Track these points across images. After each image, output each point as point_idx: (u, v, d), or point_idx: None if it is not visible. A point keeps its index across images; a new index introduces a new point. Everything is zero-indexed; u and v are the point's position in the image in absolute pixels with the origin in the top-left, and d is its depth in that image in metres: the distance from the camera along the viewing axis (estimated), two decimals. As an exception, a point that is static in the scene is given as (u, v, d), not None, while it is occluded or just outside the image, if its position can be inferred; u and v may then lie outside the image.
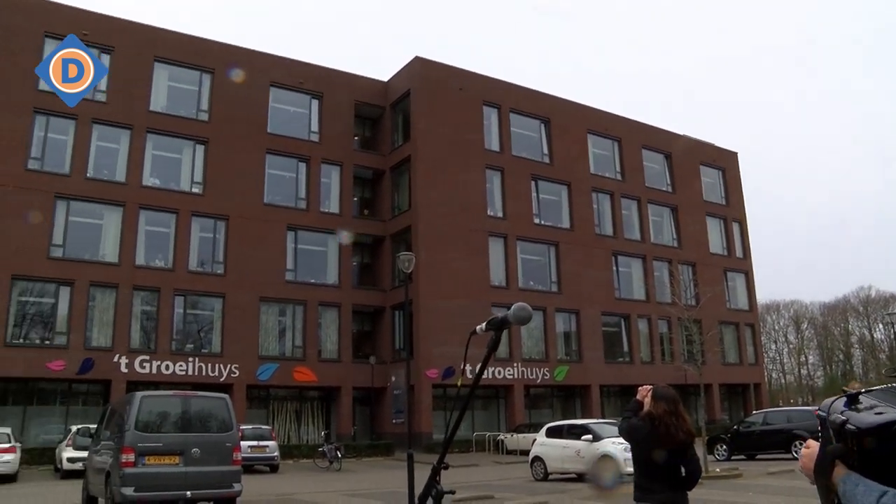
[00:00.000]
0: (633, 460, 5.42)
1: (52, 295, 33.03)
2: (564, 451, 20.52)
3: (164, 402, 13.82)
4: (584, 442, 19.96)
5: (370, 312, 40.71)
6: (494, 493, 16.43)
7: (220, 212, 36.39)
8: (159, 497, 12.63)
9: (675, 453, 5.08)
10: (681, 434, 5.06)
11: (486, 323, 2.87)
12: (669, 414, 5.09)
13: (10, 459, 22.98)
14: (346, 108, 41.49)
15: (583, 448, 19.94)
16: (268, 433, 28.01)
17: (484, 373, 2.94)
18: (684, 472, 5.13)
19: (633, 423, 5.31)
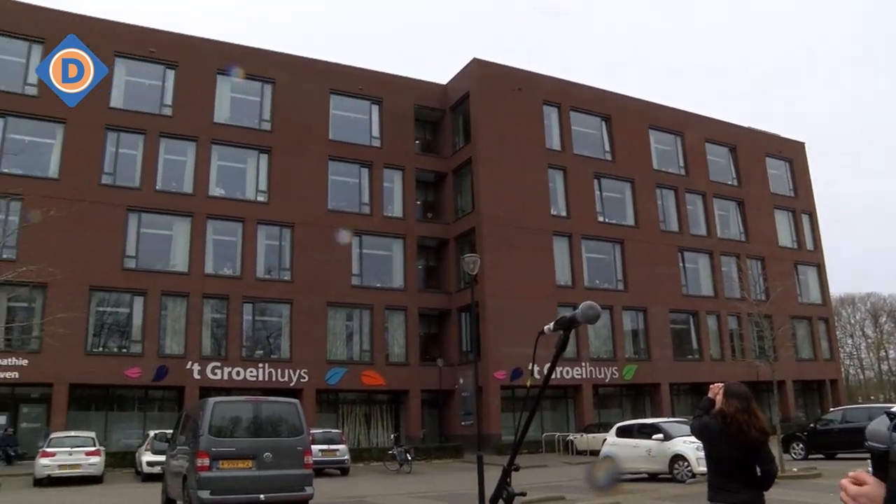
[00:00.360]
0: (705, 459, 5.33)
1: (127, 305, 34.03)
2: (635, 450, 20.29)
3: (237, 408, 14.07)
4: (656, 441, 19.73)
5: (436, 315, 40.87)
6: (565, 494, 16.31)
7: (285, 219, 36.98)
8: (234, 500, 12.89)
9: (749, 452, 4.97)
10: (754, 432, 4.95)
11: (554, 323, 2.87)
12: (742, 411, 4.99)
13: (95, 462, 24.14)
14: (406, 113, 41.76)
15: (654, 447, 19.72)
16: (338, 437, 28.27)
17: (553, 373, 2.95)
18: (759, 471, 5.01)
19: (704, 422, 5.22)
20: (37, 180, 31.51)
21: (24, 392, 32.47)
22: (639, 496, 16.20)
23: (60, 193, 30.25)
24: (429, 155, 42.90)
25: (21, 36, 34.08)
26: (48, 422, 31.25)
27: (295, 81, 38.91)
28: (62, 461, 23.57)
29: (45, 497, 20.37)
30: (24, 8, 34.48)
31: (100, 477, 24.41)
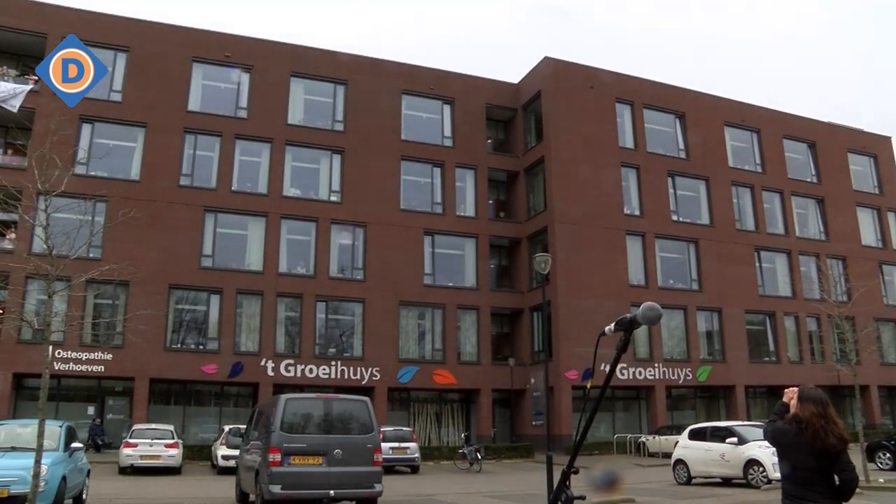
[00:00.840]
0: (779, 465, 5.09)
1: (204, 303, 34.94)
2: (708, 454, 19.94)
3: (308, 405, 14.32)
4: (729, 445, 19.33)
5: (508, 314, 40.83)
6: (636, 497, 16.13)
7: (358, 219, 37.43)
8: (304, 495, 13.14)
9: (826, 459, 4.70)
10: (831, 438, 4.67)
11: (615, 323, 2.87)
12: (818, 416, 4.72)
13: (174, 454, 25.02)
14: (478, 112, 41.81)
15: (728, 451, 19.33)
16: (408, 435, 28.46)
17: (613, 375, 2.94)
18: (837, 480, 4.71)
19: (778, 427, 4.97)
20: (120, 182, 32.60)
21: (109, 385, 33.72)
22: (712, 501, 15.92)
23: (141, 195, 31.18)
24: (501, 154, 42.86)
25: (106, 45, 35.29)
26: (131, 414, 32.46)
27: (367, 82, 39.36)
28: (144, 452, 24.49)
29: (129, 485, 21.12)
30: (107, 19, 35.86)
31: (178, 468, 25.23)
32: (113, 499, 17.20)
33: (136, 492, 19.06)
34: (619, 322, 2.91)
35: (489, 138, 42.91)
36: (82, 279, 14.24)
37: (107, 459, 26.83)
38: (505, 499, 17.36)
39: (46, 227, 12.15)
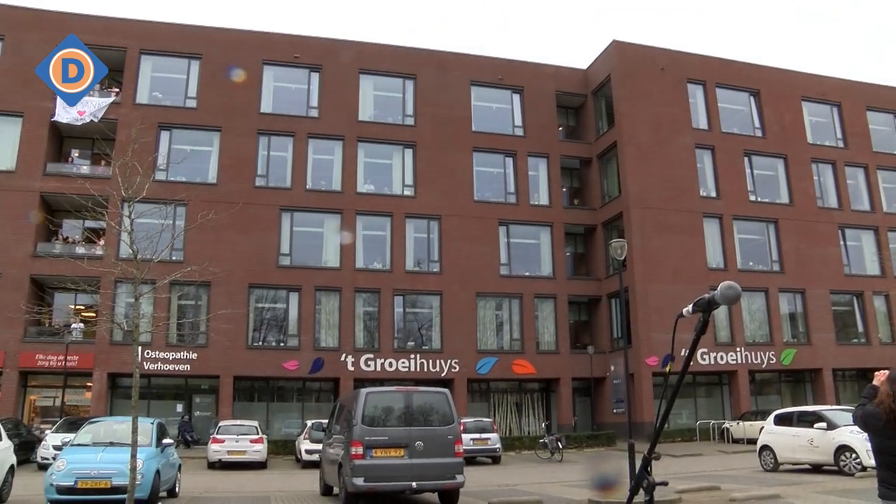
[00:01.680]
0: (872, 452, 4.87)
1: (283, 301, 35.65)
2: (795, 439, 19.36)
3: (388, 398, 14.45)
4: (818, 430, 18.74)
5: (586, 302, 40.51)
6: (720, 484, 15.83)
7: (432, 212, 37.60)
8: (387, 488, 13.32)
9: None
10: None
11: (693, 304, 2.83)
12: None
13: (259, 449, 25.62)
14: (548, 100, 41.49)
15: (816, 437, 18.75)
16: (489, 425, 28.47)
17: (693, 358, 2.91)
18: None
19: (867, 410, 4.76)
20: (198, 186, 33.42)
21: (196, 383, 34.82)
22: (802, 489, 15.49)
23: (219, 197, 31.84)
24: (573, 141, 42.51)
25: (180, 54, 36.54)
26: (217, 411, 33.39)
27: (435, 76, 39.48)
28: (230, 447, 25.15)
29: (217, 479, 21.71)
30: (180, 28, 37.04)
31: (263, 463, 25.84)
32: (203, 492, 17.68)
33: (224, 485, 19.56)
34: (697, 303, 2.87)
35: (560, 125, 42.57)
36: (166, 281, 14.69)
37: (196, 455, 27.62)
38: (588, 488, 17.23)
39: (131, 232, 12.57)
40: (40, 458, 23.53)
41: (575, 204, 41.93)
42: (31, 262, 32.64)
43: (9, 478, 15.48)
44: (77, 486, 13.23)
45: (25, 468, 19.90)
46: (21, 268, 32.56)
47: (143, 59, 36.64)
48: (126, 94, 35.69)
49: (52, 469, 13.69)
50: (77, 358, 31.67)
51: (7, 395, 31.58)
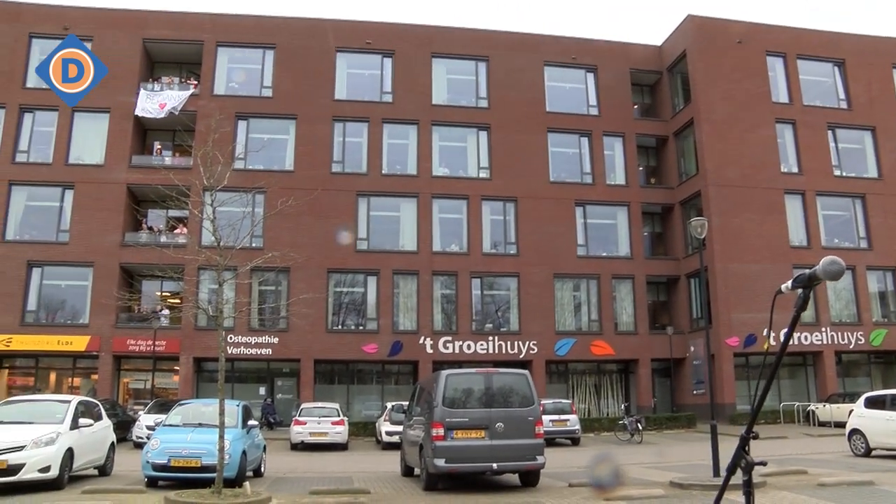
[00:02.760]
0: None
1: (362, 284, 36.12)
2: (889, 424, 18.58)
3: (468, 380, 14.53)
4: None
5: (664, 282, 39.90)
6: (808, 468, 15.40)
7: (508, 194, 37.49)
8: (468, 469, 13.42)
9: None
10: None
11: (793, 281, 2.78)
12: None
13: (341, 431, 26.09)
14: (622, 78, 40.82)
15: (915, 422, 18.02)
16: (568, 407, 28.35)
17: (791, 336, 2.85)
18: None
19: None
20: (276, 173, 33.95)
21: (277, 367, 35.64)
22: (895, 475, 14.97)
23: (296, 184, 32.29)
24: (648, 119, 41.78)
25: (254, 45, 37.37)
26: (298, 393, 34.15)
27: (508, 57, 39.25)
28: (312, 429, 25.68)
29: (300, 460, 22.16)
30: (253, 20, 38.03)
31: (345, 444, 26.28)
32: (287, 472, 18.08)
33: (307, 466, 19.95)
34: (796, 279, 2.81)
35: (635, 104, 41.86)
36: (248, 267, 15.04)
37: (279, 436, 28.27)
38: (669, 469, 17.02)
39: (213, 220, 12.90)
40: (135, 437, 25.00)
41: (652, 183, 41.27)
42: (120, 251, 33.92)
43: (111, 454, 16.76)
44: (170, 464, 14.01)
45: (122, 446, 20.72)
46: (111, 257, 33.86)
47: (220, 51, 37.52)
48: (204, 85, 36.63)
49: (148, 447, 14.47)
50: (164, 343, 32.80)
51: (103, 378, 33.07)
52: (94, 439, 15.71)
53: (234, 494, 12.43)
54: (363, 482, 15.29)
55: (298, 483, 15.64)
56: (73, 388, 34.57)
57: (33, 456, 13.27)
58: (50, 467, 13.49)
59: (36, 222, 35.09)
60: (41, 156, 35.52)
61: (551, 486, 14.31)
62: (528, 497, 13.03)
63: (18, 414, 14.87)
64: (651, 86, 42.85)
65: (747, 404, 34.71)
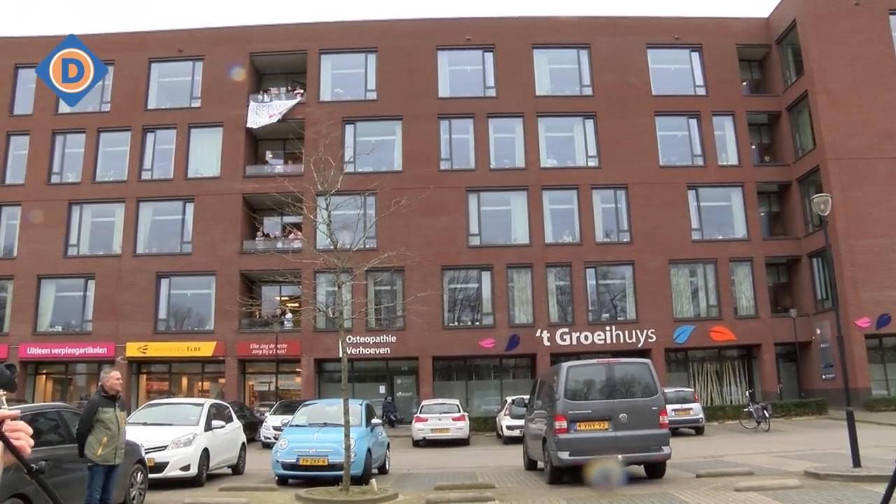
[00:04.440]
0: None
1: (476, 280, 36.25)
2: None
3: (589, 371, 14.43)
4: None
5: (784, 263, 38.42)
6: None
7: (618, 181, 36.91)
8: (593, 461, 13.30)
9: None
10: None
11: None
12: None
13: (462, 426, 26.20)
14: (729, 55, 39.47)
15: None
16: (690, 395, 27.72)
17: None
18: None
19: None
20: (385, 174, 34.47)
21: (396, 365, 36.22)
22: None
23: (406, 184, 32.66)
24: (759, 95, 40.29)
25: (356, 49, 38.09)
26: (417, 391, 34.62)
27: (610, 42, 38.62)
28: (433, 425, 25.93)
29: (423, 456, 22.44)
30: (354, 25, 38.96)
31: (466, 440, 26.41)
32: (411, 468, 18.35)
33: (430, 462, 20.19)
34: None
35: (744, 80, 40.42)
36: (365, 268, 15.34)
37: (400, 433, 28.68)
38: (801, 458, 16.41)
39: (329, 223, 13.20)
40: (263, 438, 26.08)
41: (766, 161, 39.82)
42: (239, 258, 35.25)
43: (242, 453, 17.64)
44: (299, 462, 14.59)
45: (251, 446, 21.51)
46: (231, 265, 35.21)
47: (323, 59, 38.39)
48: (310, 93, 37.55)
49: (277, 447, 15.12)
50: (286, 346, 33.81)
51: (230, 381, 34.45)
52: (226, 440, 16.50)
53: (361, 491, 12.73)
54: (487, 477, 15.38)
55: (423, 479, 15.86)
56: (202, 391, 36.20)
57: (175, 455, 14.25)
58: (189, 466, 14.43)
59: (161, 235, 36.86)
60: (163, 172, 37.24)
61: (678, 478, 14.04)
62: (655, 489, 12.80)
63: (158, 416, 15.86)
64: (759, 60, 41.29)
65: (883, 388, 33.08)
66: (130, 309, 35.19)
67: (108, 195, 36.88)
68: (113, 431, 9.66)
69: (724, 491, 11.95)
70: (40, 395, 35.55)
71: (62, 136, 37.92)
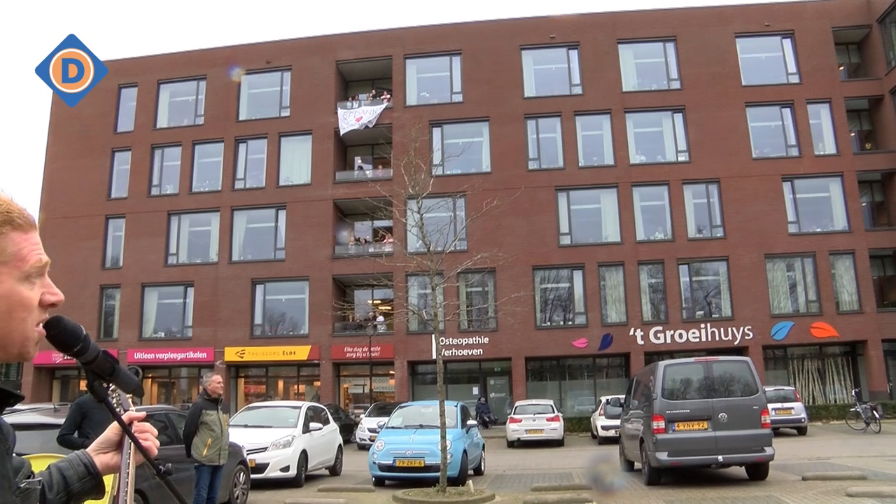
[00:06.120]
0: None
1: (567, 280, 36.00)
2: None
3: (687, 369, 14.18)
4: None
5: (891, 255, 36.79)
6: None
7: (709, 175, 36.09)
8: (692, 462, 13.05)
9: None
10: None
11: None
12: None
13: (556, 427, 26.16)
14: (823, 39, 38.04)
15: None
16: (791, 394, 26.92)
17: None
18: None
19: None
20: (474, 176, 34.40)
21: (489, 366, 36.25)
22: None
23: (495, 185, 32.64)
24: (857, 80, 38.71)
25: (440, 52, 38.39)
26: (510, 391, 34.57)
27: (697, 34, 37.80)
28: (528, 426, 25.94)
29: (518, 457, 22.43)
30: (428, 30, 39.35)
31: (560, 440, 26.29)
32: (506, 469, 18.34)
33: (525, 463, 20.15)
34: None
35: (841, 65, 38.89)
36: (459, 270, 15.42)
37: (494, 434, 28.68)
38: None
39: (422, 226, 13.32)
40: (359, 440, 26.61)
41: (867, 148, 38.28)
42: (331, 263, 35.92)
43: (339, 455, 18.04)
44: (395, 464, 14.79)
45: (347, 448, 21.85)
46: (324, 270, 35.90)
47: (408, 63, 38.74)
48: (397, 98, 37.95)
49: (374, 449, 15.34)
50: (379, 348, 34.25)
51: (325, 384, 35.13)
52: (323, 441, 16.84)
53: (458, 493, 12.78)
54: (583, 478, 15.23)
55: (519, 480, 15.83)
56: (298, 394, 36.99)
57: (275, 456, 14.67)
58: (289, 467, 14.80)
59: (256, 243, 37.86)
60: (255, 181, 38.25)
61: (783, 480, 13.59)
62: (758, 491, 12.42)
63: (258, 419, 16.35)
64: (858, 43, 39.69)
65: None
66: (228, 314, 36.27)
67: (204, 205, 38.14)
68: (216, 433, 9.98)
69: (835, 496, 11.45)
70: (146, 399, 36.94)
71: (160, 149, 39.40)
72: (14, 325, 1.30)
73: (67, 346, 1.46)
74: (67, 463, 1.69)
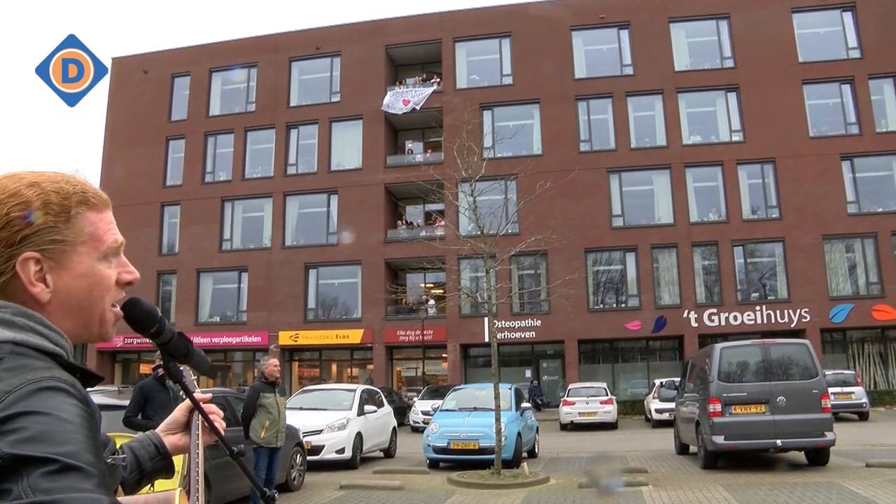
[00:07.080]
0: None
1: (620, 262, 35.73)
2: None
3: (744, 352, 13.98)
4: None
5: (955, 234, 35.72)
6: None
7: (764, 155, 35.36)
8: (749, 446, 12.87)
9: None
10: None
11: None
12: None
13: (609, 410, 26.15)
14: (889, 10, 36.48)
15: None
16: (852, 378, 26.35)
17: None
18: None
19: None
20: (525, 158, 34.20)
21: (541, 349, 36.23)
22: None
23: (547, 167, 32.42)
24: (923, 53, 37.43)
25: (490, 35, 38.15)
26: (563, 374, 34.48)
27: (751, 10, 36.91)
28: (581, 409, 25.91)
29: (571, 439, 22.46)
30: (487, 11, 38.99)
31: (614, 423, 26.23)
32: (560, 452, 18.34)
33: (579, 446, 20.11)
34: None
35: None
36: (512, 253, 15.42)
37: (547, 417, 28.62)
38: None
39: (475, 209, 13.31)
40: (412, 422, 26.85)
41: (933, 124, 37.06)
42: (384, 247, 36.16)
43: (393, 437, 18.27)
44: (450, 446, 14.92)
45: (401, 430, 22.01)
46: (376, 254, 36.14)
47: (458, 47, 38.63)
48: (446, 81, 37.89)
49: (428, 432, 15.53)
50: (431, 332, 34.40)
51: (378, 368, 35.43)
52: (378, 424, 17.03)
53: (512, 475, 12.82)
54: (638, 461, 15.15)
55: (573, 463, 15.80)
56: (352, 377, 37.40)
57: (330, 439, 14.91)
58: (344, 449, 15.03)
59: (308, 228, 38.24)
60: (307, 166, 38.61)
61: (845, 466, 13.29)
62: (820, 477, 12.14)
63: (313, 401, 16.62)
64: (926, 13, 38.29)
65: None
66: (281, 299, 36.75)
67: (257, 191, 38.63)
68: (274, 416, 10.14)
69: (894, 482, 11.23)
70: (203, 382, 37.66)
71: (213, 137, 39.97)
72: (94, 303, 1.33)
73: (145, 326, 1.48)
74: (138, 443, 1.73)
